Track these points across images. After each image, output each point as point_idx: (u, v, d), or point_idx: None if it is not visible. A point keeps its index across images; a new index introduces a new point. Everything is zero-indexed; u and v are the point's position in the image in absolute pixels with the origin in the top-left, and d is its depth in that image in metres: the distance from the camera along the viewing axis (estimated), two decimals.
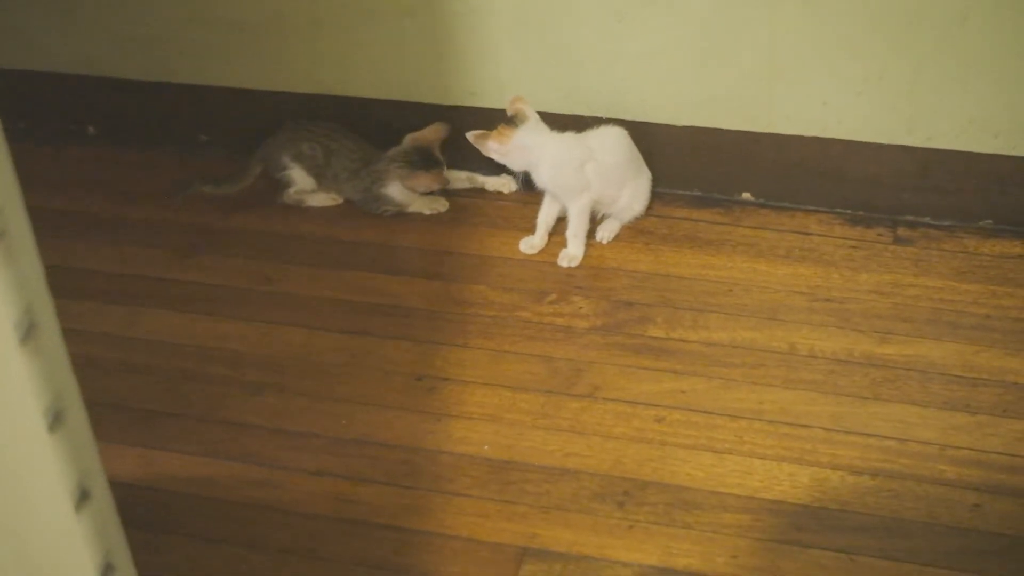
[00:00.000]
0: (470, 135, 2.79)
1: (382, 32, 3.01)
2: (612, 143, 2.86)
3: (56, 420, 1.22)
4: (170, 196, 3.11)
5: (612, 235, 2.90)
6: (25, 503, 1.29)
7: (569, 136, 2.83)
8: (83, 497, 1.28)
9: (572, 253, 2.84)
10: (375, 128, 3.10)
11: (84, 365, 2.54)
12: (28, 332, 1.16)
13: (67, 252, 2.97)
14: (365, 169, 3.00)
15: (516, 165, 2.84)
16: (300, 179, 3.05)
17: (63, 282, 2.77)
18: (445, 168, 2.99)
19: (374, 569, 2.18)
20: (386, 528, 2.25)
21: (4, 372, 1.18)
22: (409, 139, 2.99)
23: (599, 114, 2.95)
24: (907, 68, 2.74)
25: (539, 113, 2.85)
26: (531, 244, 2.88)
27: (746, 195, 2.98)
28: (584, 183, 2.81)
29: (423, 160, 2.95)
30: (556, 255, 2.84)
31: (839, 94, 2.81)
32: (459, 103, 3.06)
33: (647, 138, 2.95)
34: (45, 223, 2.96)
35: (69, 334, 2.56)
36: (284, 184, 3.06)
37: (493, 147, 2.78)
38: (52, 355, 1.21)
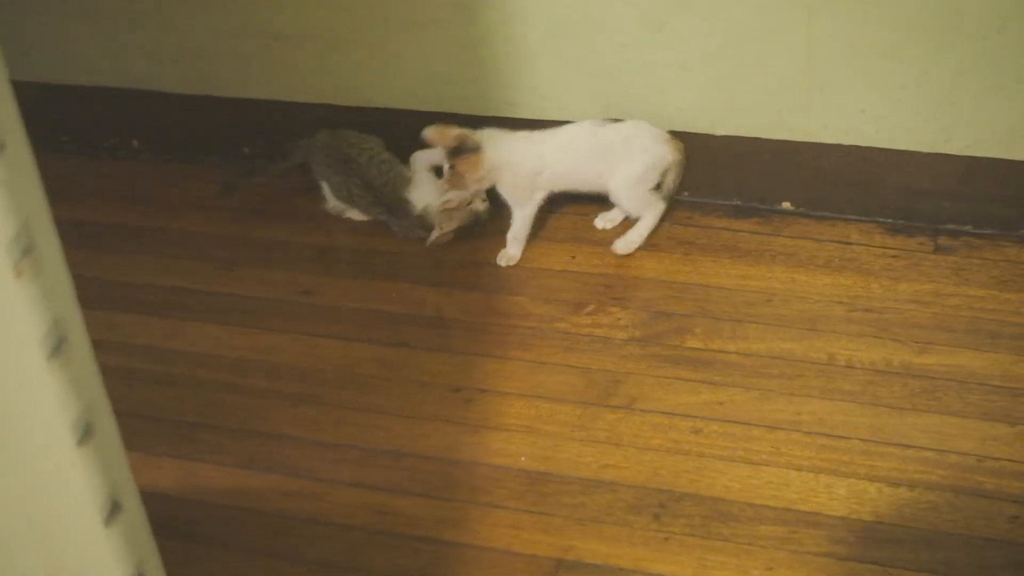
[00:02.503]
0: (444, 199, 2.87)
1: (420, 43, 3.02)
2: (569, 142, 2.88)
3: (86, 433, 1.22)
4: (223, 196, 3.14)
5: (611, 224, 2.96)
6: (55, 515, 1.30)
7: (524, 141, 2.88)
8: (114, 509, 1.29)
9: (510, 253, 2.89)
10: (412, 139, 3.10)
11: (124, 377, 2.59)
12: (57, 346, 1.17)
13: (109, 264, 2.99)
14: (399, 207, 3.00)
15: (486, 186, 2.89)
16: (331, 198, 3.05)
17: (105, 294, 2.82)
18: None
19: None
20: (422, 540, 2.26)
21: (31, 386, 1.19)
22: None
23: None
24: (946, 76, 2.73)
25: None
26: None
27: (786, 204, 2.97)
28: (531, 192, 2.88)
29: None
30: (593, 265, 2.84)
31: (877, 102, 2.80)
32: (497, 114, 3.05)
33: (687, 148, 2.94)
34: (89, 236, 3.02)
35: (110, 346, 2.60)
36: (322, 192, 3.07)
37: (472, 181, 2.84)
38: (81, 368, 1.21)
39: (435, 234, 2.87)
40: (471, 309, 2.76)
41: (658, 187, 2.89)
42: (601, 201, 2.93)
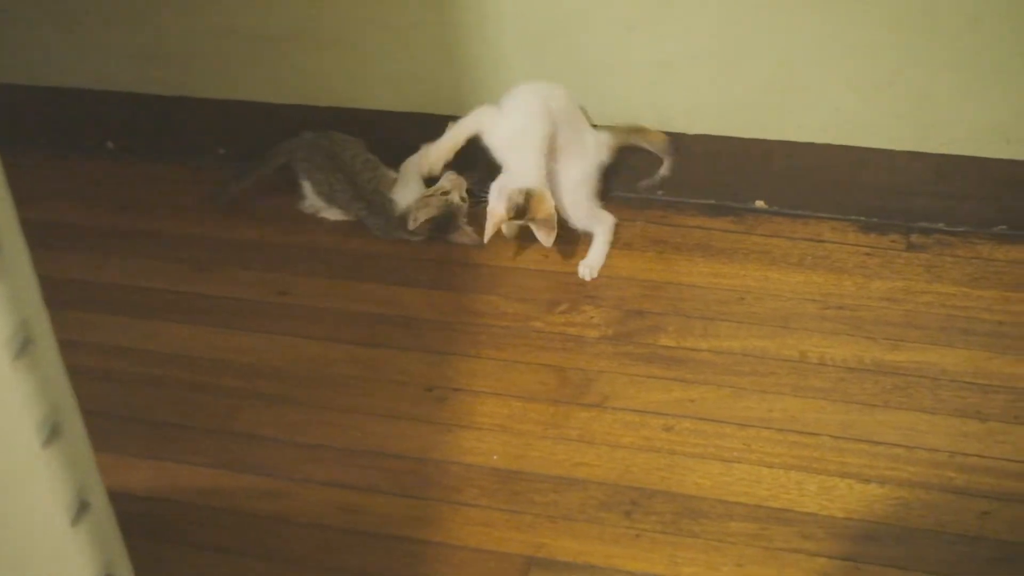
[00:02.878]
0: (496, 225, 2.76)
1: (398, 45, 3.02)
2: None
3: (52, 433, 1.22)
4: (214, 200, 3.14)
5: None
6: (21, 516, 1.30)
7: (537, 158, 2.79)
8: (81, 509, 1.29)
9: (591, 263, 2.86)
10: (390, 140, 3.11)
11: (99, 377, 2.59)
12: (23, 347, 1.17)
13: (85, 265, 2.99)
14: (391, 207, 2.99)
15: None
16: (311, 196, 3.06)
17: (80, 295, 2.82)
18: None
19: None
20: (395, 539, 2.26)
21: None
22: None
23: (612, 124, 2.96)
24: (919, 74, 2.74)
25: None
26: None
27: (759, 203, 2.98)
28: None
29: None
30: (567, 263, 2.85)
31: (851, 101, 2.81)
32: None
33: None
34: (64, 237, 3.02)
35: (84, 347, 2.60)
36: (300, 191, 3.08)
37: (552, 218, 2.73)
38: (48, 369, 1.21)
39: (410, 223, 2.87)
40: (445, 308, 2.77)
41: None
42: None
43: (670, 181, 2.98)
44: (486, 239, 2.75)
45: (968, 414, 2.42)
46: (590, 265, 2.82)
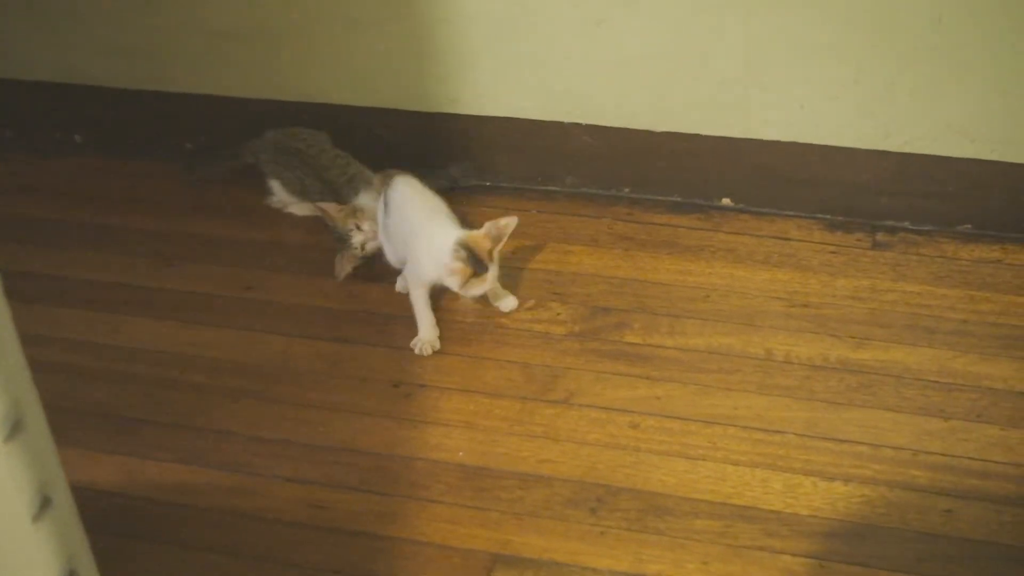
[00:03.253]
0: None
1: (365, 41, 3.02)
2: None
3: (14, 429, 1.22)
4: (183, 175, 3.15)
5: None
6: None
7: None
8: (44, 505, 1.28)
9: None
10: (358, 136, 3.11)
11: (65, 372, 2.58)
12: None
13: (50, 260, 2.98)
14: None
15: None
16: (279, 192, 3.06)
17: (46, 290, 2.81)
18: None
19: (348, 575, 2.19)
20: (360, 535, 2.26)
21: None
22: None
23: (578, 120, 2.97)
24: (883, 72, 2.75)
25: (517, 120, 2.89)
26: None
27: (726, 201, 2.99)
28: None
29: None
30: (534, 260, 2.86)
31: (816, 99, 2.82)
32: (440, 110, 3.06)
33: (626, 144, 2.96)
34: (30, 231, 3.01)
35: (51, 342, 2.59)
36: (268, 187, 3.07)
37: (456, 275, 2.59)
38: (8, 364, 1.21)
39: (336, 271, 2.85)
40: (410, 305, 2.76)
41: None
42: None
43: (637, 178, 2.99)
44: (478, 293, 2.66)
45: (932, 413, 2.43)
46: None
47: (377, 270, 2.85)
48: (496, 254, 2.59)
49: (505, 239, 2.59)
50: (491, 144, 3.07)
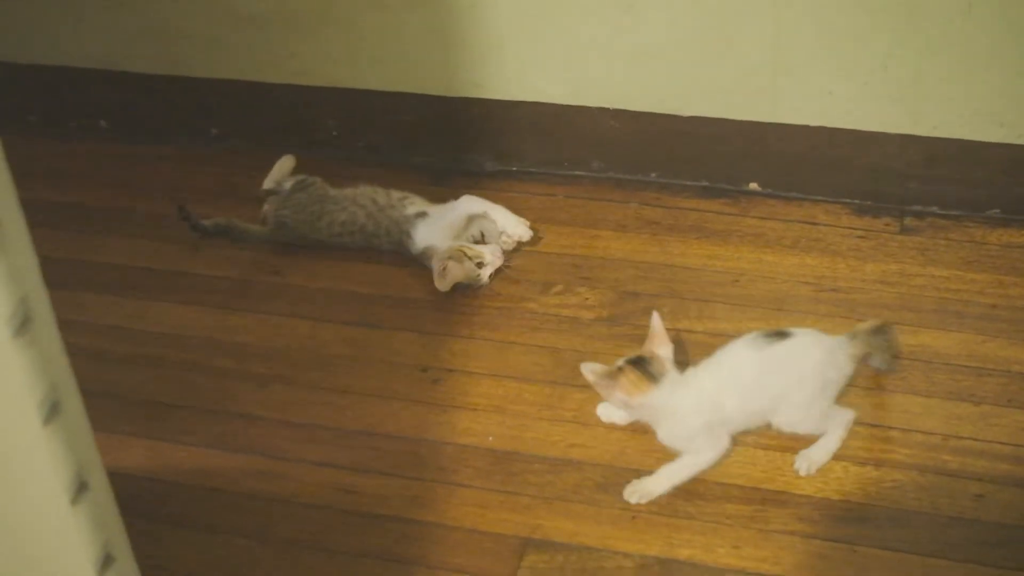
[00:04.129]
0: (589, 371, 2.27)
1: (389, 25, 3.02)
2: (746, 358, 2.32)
3: (52, 412, 1.22)
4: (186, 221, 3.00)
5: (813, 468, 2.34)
6: (21, 495, 1.29)
7: (700, 383, 2.32)
8: (81, 488, 1.29)
9: (648, 488, 2.29)
10: (383, 121, 3.11)
11: (92, 357, 2.59)
12: (23, 325, 1.17)
13: (78, 245, 2.99)
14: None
15: (636, 416, 2.36)
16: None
17: (75, 275, 2.81)
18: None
19: (378, 560, 2.19)
20: (390, 519, 2.27)
21: None
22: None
23: (605, 105, 2.96)
24: (912, 57, 2.74)
25: (544, 105, 2.88)
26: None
27: (753, 185, 2.98)
28: (712, 441, 2.32)
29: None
30: (561, 245, 2.84)
31: (845, 84, 2.81)
32: (464, 95, 3.06)
33: (654, 128, 2.95)
34: (57, 216, 3.01)
35: (78, 326, 2.59)
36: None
37: (619, 397, 2.28)
38: (47, 347, 1.21)
39: (437, 278, 2.74)
40: (438, 290, 2.76)
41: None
42: None
43: (665, 163, 2.99)
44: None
45: (962, 397, 2.42)
46: (811, 460, 2.33)
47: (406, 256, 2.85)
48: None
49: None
50: (517, 129, 3.06)
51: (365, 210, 2.86)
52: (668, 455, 2.30)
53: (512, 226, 2.86)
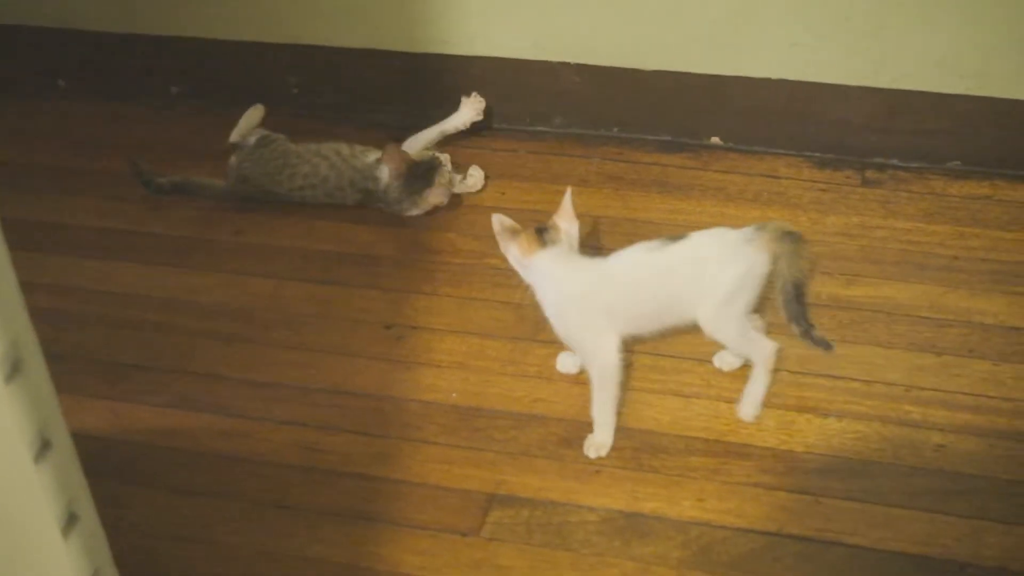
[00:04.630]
0: (497, 220, 2.34)
1: None
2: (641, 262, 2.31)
3: (13, 370, 1.21)
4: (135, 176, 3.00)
5: (729, 366, 2.43)
6: None
7: (588, 266, 2.36)
8: (44, 447, 1.28)
9: (598, 440, 2.30)
10: (347, 78, 3.10)
11: (56, 319, 2.57)
12: None
13: (38, 206, 2.97)
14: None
15: (527, 278, 2.36)
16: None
17: (34, 236, 2.79)
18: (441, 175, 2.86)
19: (343, 517, 2.19)
20: (355, 476, 2.26)
21: None
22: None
23: (567, 60, 2.96)
24: (874, 8, 2.74)
25: (506, 60, 2.87)
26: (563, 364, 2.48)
27: (715, 139, 2.99)
28: (595, 330, 2.31)
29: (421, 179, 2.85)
30: (523, 200, 2.84)
31: (806, 36, 2.81)
32: (428, 50, 3.05)
33: (616, 84, 2.95)
34: (16, 177, 2.98)
35: (41, 288, 2.57)
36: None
37: (514, 253, 2.33)
38: (8, 305, 1.20)
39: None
40: (401, 246, 2.76)
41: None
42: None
43: (627, 118, 2.98)
44: None
45: (923, 348, 2.43)
46: (749, 403, 2.33)
47: (365, 210, 2.84)
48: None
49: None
50: (480, 85, 3.04)
51: (328, 161, 2.86)
52: (636, 408, 2.32)
53: (463, 119, 2.99)
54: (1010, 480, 2.18)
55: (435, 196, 2.82)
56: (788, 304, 2.23)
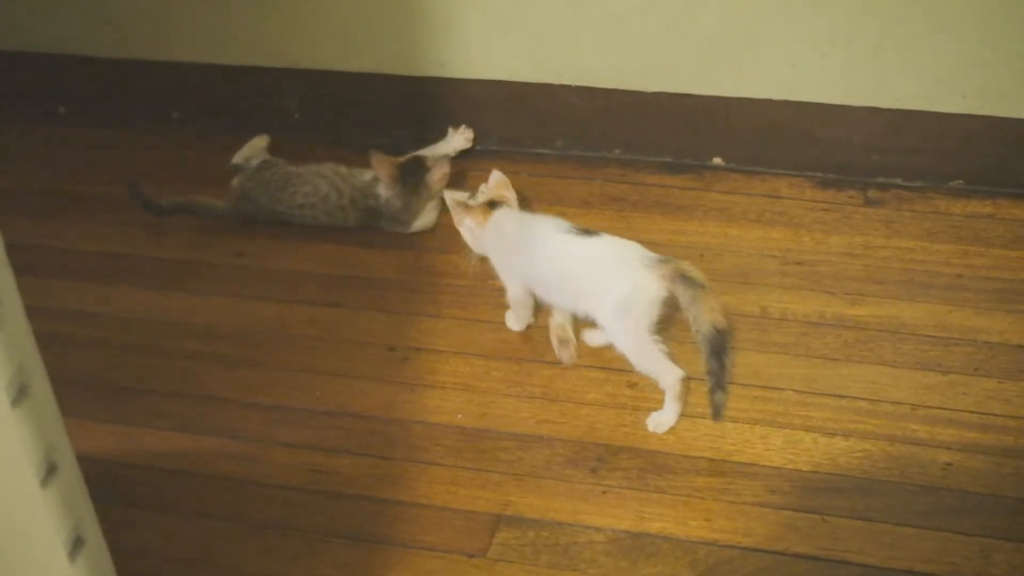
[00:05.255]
0: (449, 196, 2.53)
1: (351, 3, 3.00)
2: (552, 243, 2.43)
3: (20, 394, 1.21)
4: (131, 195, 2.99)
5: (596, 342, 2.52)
6: None
7: (530, 221, 2.50)
8: (50, 471, 1.28)
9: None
10: (345, 101, 3.10)
11: (58, 343, 2.56)
12: None
13: (41, 231, 2.97)
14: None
15: (480, 249, 2.55)
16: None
17: (36, 261, 2.79)
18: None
19: (349, 540, 2.18)
20: (360, 499, 2.25)
21: None
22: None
23: (568, 82, 2.96)
24: (874, 29, 2.74)
25: (507, 83, 2.87)
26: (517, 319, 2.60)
27: (717, 160, 2.98)
28: (514, 291, 2.53)
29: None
30: None
31: (807, 56, 2.81)
32: (427, 74, 3.05)
33: (618, 105, 2.95)
34: (18, 203, 2.98)
35: (43, 313, 2.54)
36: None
37: (468, 224, 2.51)
38: (13, 329, 1.20)
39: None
40: (404, 268, 2.76)
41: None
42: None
43: (629, 139, 2.98)
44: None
45: (929, 367, 2.43)
46: (659, 422, 2.37)
47: (369, 233, 2.84)
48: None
49: None
50: (480, 107, 3.05)
51: (327, 180, 2.87)
52: (642, 429, 2.32)
53: (452, 146, 3.03)
54: (1018, 498, 2.17)
55: (438, 170, 2.86)
56: (706, 357, 2.24)
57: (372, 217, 2.86)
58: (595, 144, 3.04)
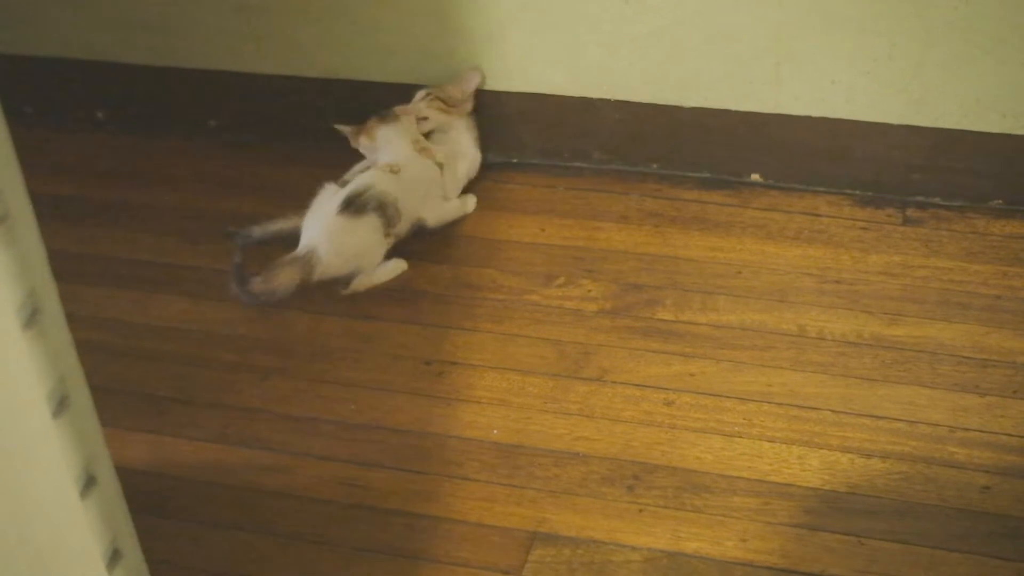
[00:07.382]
0: (341, 128, 2.93)
1: (387, 14, 3.00)
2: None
3: (61, 405, 1.21)
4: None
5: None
6: (30, 489, 1.29)
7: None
8: (89, 483, 1.28)
9: None
10: (377, 111, 3.10)
11: (94, 351, 2.57)
12: (31, 317, 1.16)
13: (76, 238, 2.97)
14: None
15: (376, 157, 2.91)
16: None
17: (72, 268, 2.80)
18: None
19: (382, 554, 2.18)
20: (394, 513, 2.25)
21: (7, 357, 1.17)
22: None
23: (606, 96, 2.95)
24: (915, 47, 2.73)
25: (544, 96, 2.88)
26: None
27: (755, 176, 2.97)
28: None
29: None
30: (563, 237, 2.84)
31: (847, 73, 2.80)
32: None
33: (655, 119, 2.94)
34: (54, 209, 3.00)
35: (79, 320, 2.55)
36: None
37: (364, 142, 2.90)
38: (56, 340, 1.20)
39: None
40: (440, 281, 2.76)
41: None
42: None
43: (666, 154, 2.98)
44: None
45: (967, 389, 2.41)
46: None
47: (404, 245, 2.83)
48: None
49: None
50: (517, 120, 3.04)
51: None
52: (678, 447, 2.31)
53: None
54: None
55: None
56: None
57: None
58: (632, 159, 3.03)
